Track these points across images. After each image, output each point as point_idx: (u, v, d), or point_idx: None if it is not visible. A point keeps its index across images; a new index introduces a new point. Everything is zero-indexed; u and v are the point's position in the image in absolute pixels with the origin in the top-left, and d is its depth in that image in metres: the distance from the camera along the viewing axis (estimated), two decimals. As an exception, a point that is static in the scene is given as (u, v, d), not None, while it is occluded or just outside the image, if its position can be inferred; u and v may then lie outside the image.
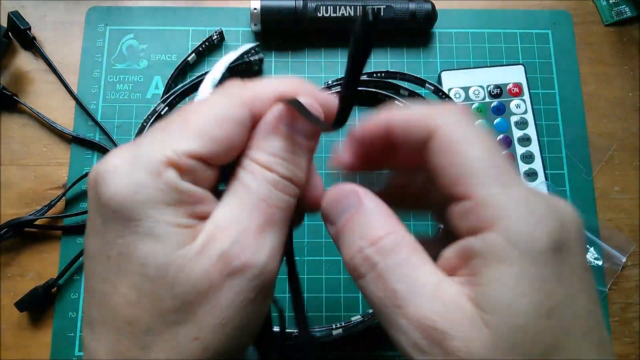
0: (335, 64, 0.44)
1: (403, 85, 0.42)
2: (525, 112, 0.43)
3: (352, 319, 0.38)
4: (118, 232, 0.18)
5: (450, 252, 0.19)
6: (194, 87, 0.42)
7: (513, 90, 0.43)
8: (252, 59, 0.42)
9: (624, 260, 0.40)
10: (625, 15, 0.46)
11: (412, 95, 0.42)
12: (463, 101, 0.43)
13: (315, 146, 0.22)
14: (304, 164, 0.21)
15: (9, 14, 0.43)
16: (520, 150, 0.42)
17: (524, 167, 0.42)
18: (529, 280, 0.16)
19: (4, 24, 0.43)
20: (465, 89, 0.43)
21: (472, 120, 0.20)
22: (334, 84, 0.42)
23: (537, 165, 0.42)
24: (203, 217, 0.19)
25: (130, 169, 0.18)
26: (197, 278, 0.18)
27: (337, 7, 0.42)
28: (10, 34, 0.44)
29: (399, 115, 0.21)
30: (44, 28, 0.45)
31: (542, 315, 0.16)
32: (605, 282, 0.40)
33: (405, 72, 0.42)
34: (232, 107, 0.20)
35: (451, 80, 0.43)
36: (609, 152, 0.43)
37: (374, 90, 0.42)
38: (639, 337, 0.39)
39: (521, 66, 0.44)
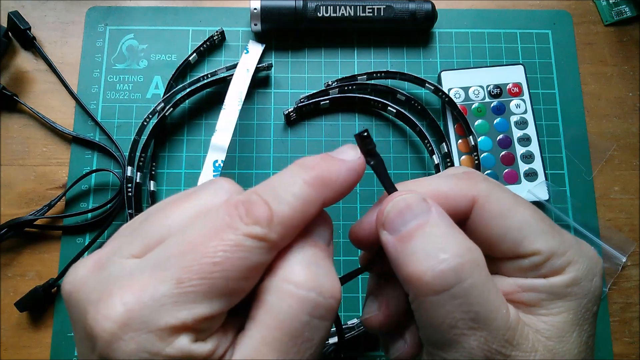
0: (335, 63, 0.44)
1: (400, 90, 0.42)
2: (525, 112, 0.43)
3: (349, 322, 0.38)
4: None
5: (508, 285, 0.20)
6: (198, 89, 0.42)
7: (513, 90, 0.43)
8: (259, 65, 0.42)
9: (624, 260, 0.40)
10: (625, 15, 0.46)
11: (409, 100, 0.42)
12: (463, 101, 0.43)
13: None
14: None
15: (9, 14, 0.43)
16: (520, 150, 0.42)
17: (524, 167, 0.42)
18: (587, 313, 0.19)
19: (4, 24, 0.43)
20: (465, 89, 0.43)
21: (498, 183, 0.21)
22: (334, 85, 0.42)
23: (537, 165, 0.42)
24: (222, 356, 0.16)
25: (137, 335, 0.15)
26: None
27: (337, 7, 0.42)
28: (10, 34, 0.44)
29: (430, 194, 0.20)
30: (44, 28, 0.45)
31: (586, 341, 0.20)
32: (605, 282, 0.40)
33: (405, 72, 0.42)
34: (250, 255, 0.16)
35: (451, 80, 0.43)
36: (609, 152, 0.43)
37: (368, 97, 0.42)
38: (639, 337, 0.39)
39: (521, 66, 0.44)
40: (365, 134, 0.20)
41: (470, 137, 0.41)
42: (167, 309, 0.15)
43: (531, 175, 0.41)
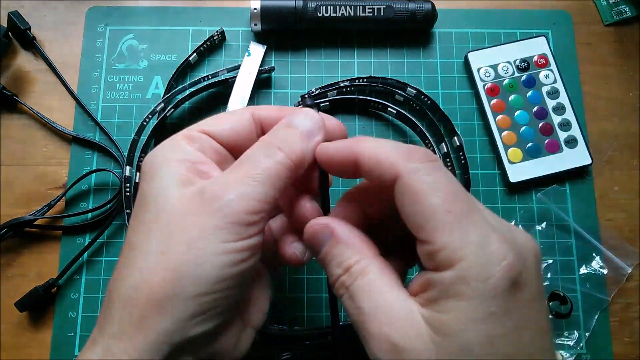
0: (335, 63, 0.44)
1: (398, 92, 0.42)
2: (555, 81, 0.44)
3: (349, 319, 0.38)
4: (145, 182, 0.24)
5: (415, 279, 0.22)
6: (199, 91, 0.42)
7: (539, 61, 0.44)
8: (261, 68, 0.42)
9: (629, 271, 0.40)
10: (625, 15, 0.46)
11: (407, 100, 0.42)
12: (494, 79, 0.43)
13: (316, 143, 0.26)
14: (300, 147, 0.25)
15: (9, 14, 0.43)
16: (556, 119, 0.43)
17: (563, 135, 0.42)
18: (477, 314, 0.19)
19: (4, 24, 0.43)
20: (494, 67, 0.44)
21: (436, 166, 0.22)
22: (312, 95, 0.42)
23: (576, 132, 0.42)
24: (204, 176, 0.24)
25: (161, 146, 0.26)
26: (176, 203, 0.23)
27: (337, 7, 0.42)
28: (10, 34, 0.44)
29: (367, 151, 0.23)
30: (44, 28, 0.45)
31: (484, 343, 0.19)
32: (607, 290, 0.40)
33: (389, 76, 0.42)
34: (240, 113, 0.27)
35: (478, 60, 0.44)
36: (609, 152, 0.43)
37: (368, 98, 0.42)
38: (639, 337, 0.39)
39: (543, 37, 0.44)
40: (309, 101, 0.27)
41: (455, 137, 0.42)
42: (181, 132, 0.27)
43: (571, 142, 0.42)
